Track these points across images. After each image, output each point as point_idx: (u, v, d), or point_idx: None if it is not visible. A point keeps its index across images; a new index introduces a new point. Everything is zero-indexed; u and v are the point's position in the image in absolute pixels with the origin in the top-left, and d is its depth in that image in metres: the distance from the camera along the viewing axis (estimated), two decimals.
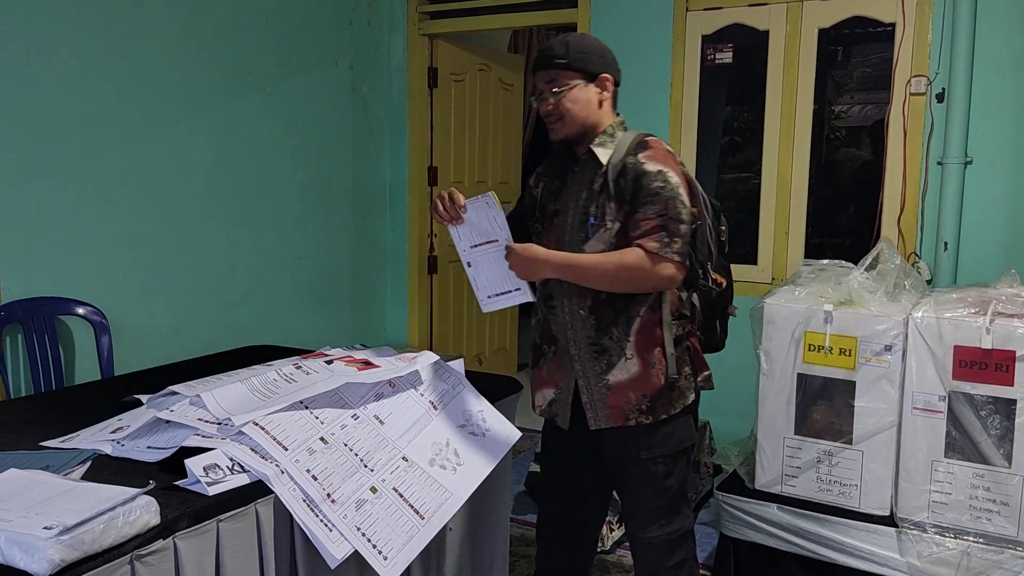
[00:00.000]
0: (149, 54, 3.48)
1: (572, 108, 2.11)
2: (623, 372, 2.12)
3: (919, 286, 2.83)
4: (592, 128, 2.14)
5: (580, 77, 2.11)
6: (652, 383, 2.13)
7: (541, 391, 2.26)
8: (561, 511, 2.35)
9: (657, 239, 2.00)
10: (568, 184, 2.18)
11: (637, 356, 2.11)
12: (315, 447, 1.79)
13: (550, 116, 2.12)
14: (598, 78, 2.13)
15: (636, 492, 2.23)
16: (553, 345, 2.19)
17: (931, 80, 3.47)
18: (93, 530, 1.36)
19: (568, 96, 2.10)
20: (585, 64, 2.11)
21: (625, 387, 2.12)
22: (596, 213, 2.09)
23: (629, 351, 2.11)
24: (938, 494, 2.61)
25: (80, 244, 3.28)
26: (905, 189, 3.53)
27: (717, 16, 3.89)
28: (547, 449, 2.39)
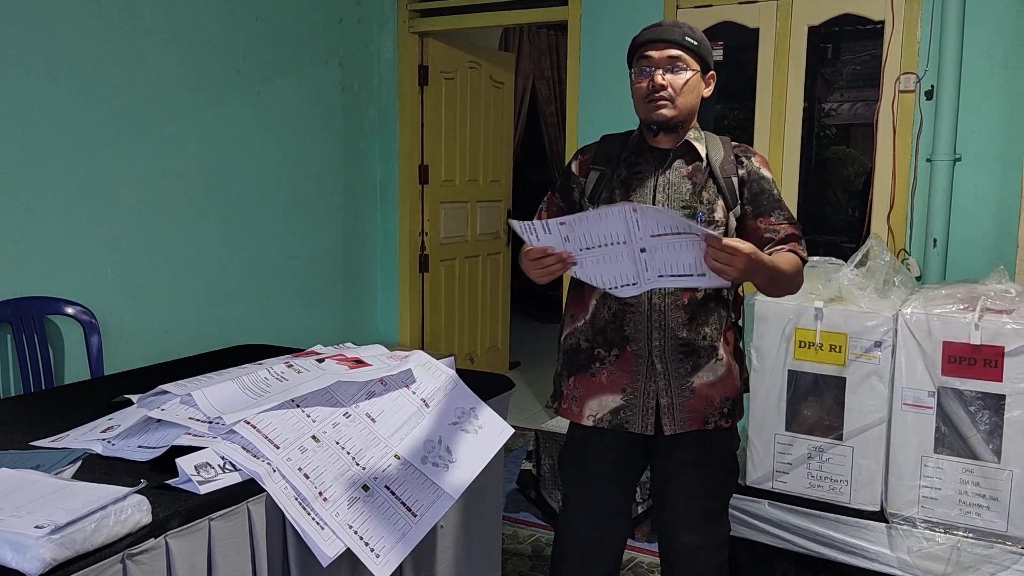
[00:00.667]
0: (139, 53, 3.46)
1: (687, 94, 2.02)
2: (710, 373, 2.07)
3: (908, 283, 2.84)
4: (690, 119, 2.08)
5: (700, 66, 2.04)
6: (735, 385, 2.13)
7: (598, 398, 2.12)
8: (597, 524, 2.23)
9: (802, 248, 2.03)
10: (645, 175, 2.09)
11: (728, 357, 2.10)
12: (307, 445, 1.78)
13: (660, 93, 2.00)
14: (709, 74, 2.08)
15: (694, 497, 2.15)
16: (617, 348, 2.09)
17: (920, 77, 3.49)
18: (84, 529, 1.36)
19: (689, 81, 2.02)
20: (708, 56, 2.06)
21: (709, 389, 2.07)
22: (704, 209, 2.04)
23: (721, 352, 2.08)
24: (928, 489, 2.63)
25: (69, 244, 3.26)
26: (894, 186, 3.55)
27: (707, 14, 3.90)
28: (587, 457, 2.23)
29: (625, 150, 2.15)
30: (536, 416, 4.79)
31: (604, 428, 2.13)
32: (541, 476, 3.53)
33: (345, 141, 4.59)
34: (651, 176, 2.08)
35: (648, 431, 2.09)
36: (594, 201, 2.11)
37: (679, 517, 2.17)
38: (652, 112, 2.03)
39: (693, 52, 2.01)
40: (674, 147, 2.09)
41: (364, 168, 4.76)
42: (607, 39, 4.14)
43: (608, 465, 2.20)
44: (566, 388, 2.20)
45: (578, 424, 2.19)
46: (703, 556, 2.17)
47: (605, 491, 2.21)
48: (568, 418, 2.21)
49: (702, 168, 2.07)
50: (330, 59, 4.45)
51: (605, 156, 2.16)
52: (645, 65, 2.03)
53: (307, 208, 4.37)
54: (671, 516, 2.19)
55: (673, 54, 2.00)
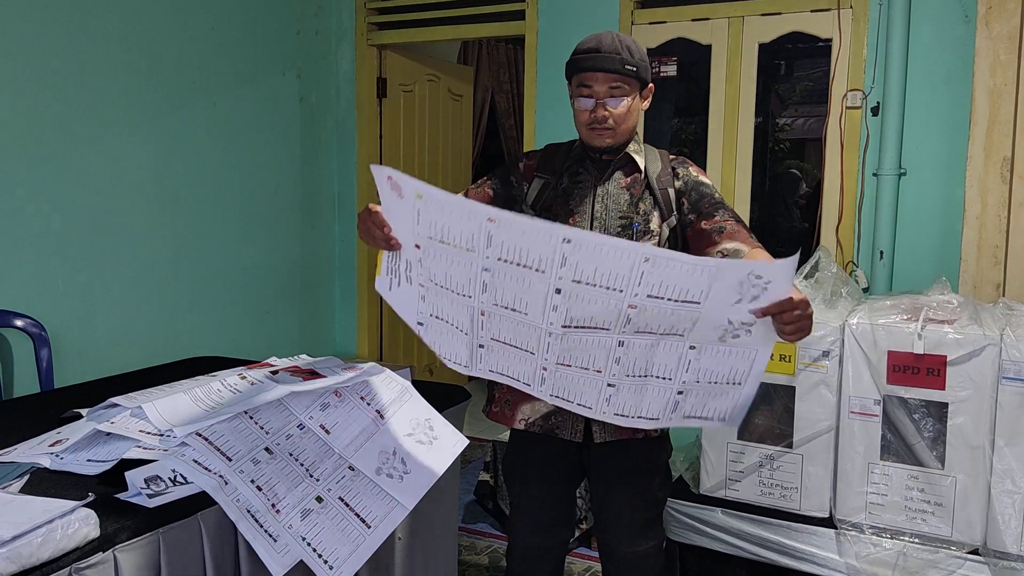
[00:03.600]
0: (91, 60, 3.43)
1: (628, 118, 2.03)
2: None
3: (855, 293, 2.91)
4: (631, 137, 2.11)
5: (639, 85, 2.03)
6: None
7: (531, 403, 2.16)
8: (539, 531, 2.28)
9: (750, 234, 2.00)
10: (585, 185, 2.12)
11: None
12: (260, 457, 1.78)
13: (602, 123, 2.01)
14: (647, 88, 2.06)
15: (628, 505, 2.19)
16: None
17: (867, 94, 3.58)
18: (31, 543, 1.35)
19: (630, 106, 2.02)
20: (645, 72, 2.03)
21: None
22: (640, 220, 2.07)
23: None
24: (875, 495, 2.69)
25: (17, 254, 3.21)
26: (843, 199, 3.63)
27: (661, 30, 3.96)
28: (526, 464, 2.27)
29: (568, 159, 2.17)
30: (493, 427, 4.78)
31: (536, 433, 2.17)
32: (498, 487, 3.54)
33: (303, 152, 4.58)
34: (591, 187, 2.12)
35: (577, 438, 2.14)
36: (545, 211, 2.13)
37: (616, 527, 2.22)
38: (594, 139, 2.07)
39: (635, 75, 2.01)
40: (614, 159, 2.12)
41: (322, 179, 4.75)
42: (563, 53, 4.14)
43: (544, 472, 2.23)
44: (498, 392, 2.24)
45: (514, 429, 2.23)
46: (641, 564, 2.23)
47: (544, 497, 2.25)
48: (500, 422, 2.25)
49: (640, 180, 2.11)
50: (288, 70, 4.44)
51: (549, 165, 2.17)
52: (586, 94, 2.03)
53: (263, 219, 4.34)
54: (608, 526, 2.25)
55: (614, 84, 2.00)
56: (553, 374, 1.72)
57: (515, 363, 1.75)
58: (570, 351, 1.65)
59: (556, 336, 1.63)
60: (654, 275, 1.49)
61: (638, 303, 1.54)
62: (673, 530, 2.95)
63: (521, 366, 1.74)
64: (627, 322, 1.58)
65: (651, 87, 2.08)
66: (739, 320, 1.57)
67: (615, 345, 1.63)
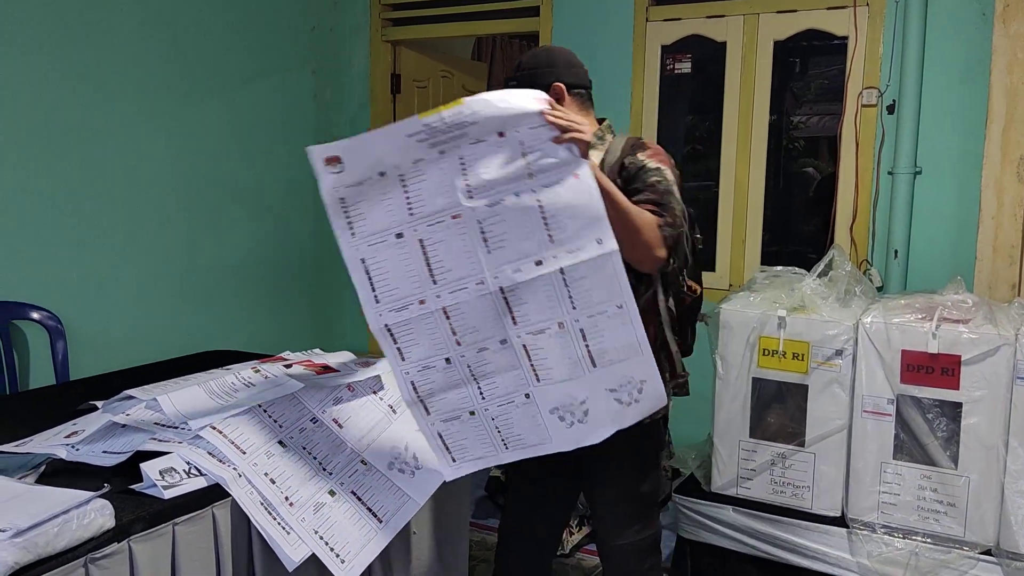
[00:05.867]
0: (109, 57, 3.45)
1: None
2: None
3: (869, 292, 2.90)
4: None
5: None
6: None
7: None
8: (528, 513, 2.34)
9: (659, 215, 1.94)
10: None
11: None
12: (273, 451, 1.79)
13: None
14: (548, 89, 2.03)
15: (613, 498, 2.21)
16: None
17: (882, 92, 3.56)
18: (47, 533, 1.36)
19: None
20: (535, 80, 2.06)
21: None
22: None
23: None
24: (887, 495, 2.68)
25: (35, 248, 3.23)
26: (857, 198, 3.62)
27: (676, 27, 3.95)
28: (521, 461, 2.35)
29: None
30: None
31: None
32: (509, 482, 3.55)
33: None
34: None
35: None
36: None
37: (603, 519, 2.26)
38: None
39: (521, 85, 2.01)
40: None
41: None
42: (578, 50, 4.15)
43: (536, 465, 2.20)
44: None
45: None
46: (631, 558, 2.23)
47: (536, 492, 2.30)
48: None
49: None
50: (303, 67, 4.45)
51: None
52: None
53: (277, 215, 4.36)
54: (597, 518, 2.29)
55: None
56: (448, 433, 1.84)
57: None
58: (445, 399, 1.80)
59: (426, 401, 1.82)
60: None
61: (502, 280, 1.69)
62: (684, 527, 2.96)
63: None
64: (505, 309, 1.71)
65: (556, 86, 2.06)
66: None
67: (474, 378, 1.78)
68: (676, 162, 2.18)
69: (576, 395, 1.77)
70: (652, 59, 4.01)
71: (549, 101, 1.71)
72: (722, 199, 3.92)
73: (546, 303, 1.71)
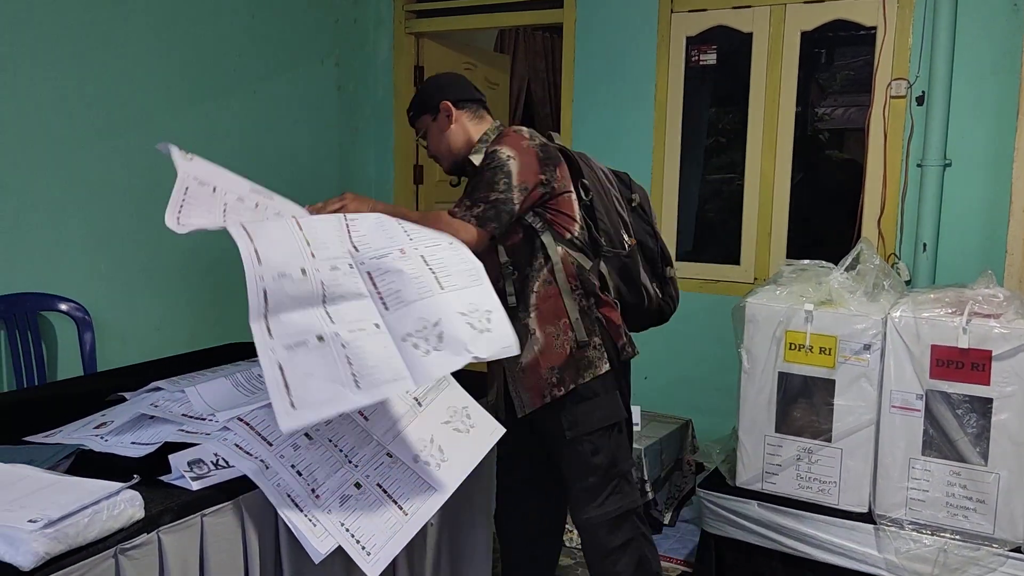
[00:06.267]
0: (132, 50, 3.47)
1: (433, 145, 2.35)
2: (531, 350, 2.19)
3: (898, 286, 2.87)
4: (464, 148, 2.30)
5: (427, 117, 2.32)
6: (558, 353, 2.19)
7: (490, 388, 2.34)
8: (515, 504, 2.43)
9: (458, 204, 2.14)
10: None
11: (540, 330, 2.19)
12: (300, 443, 1.79)
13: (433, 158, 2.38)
14: (438, 108, 2.29)
15: (567, 473, 2.27)
16: None
17: (911, 83, 3.51)
18: (77, 523, 1.37)
19: (429, 138, 2.34)
20: (424, 105, 2.32)
21: (536, 364, 2.19)
22: None
23: (532, 326, 2.19)
24: (915, 491, 2.65)
25: (62, 240, 3.26)
26: (885, 191, 3.57)
27: (701, 18, 3.92)
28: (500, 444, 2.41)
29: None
30: None
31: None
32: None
33: (340, 141, 4.60)
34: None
35: (500, 415, 2.24)
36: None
37: (570, 495, 2.31)
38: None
39: (414, 117, 2.35)
40: (460, 178, 2.39)
41: (359, 168, 4.77)
42: (602, 41, 4.16)
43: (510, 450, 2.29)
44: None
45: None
46: (599, 532, 2.26)
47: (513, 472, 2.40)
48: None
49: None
50: (326, 59, 4.46)
51: None
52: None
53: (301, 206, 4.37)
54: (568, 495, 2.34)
55: (416, 128, 2.38)
56: (291, 365, 1.58)
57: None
58: (292, 319, 1.62)
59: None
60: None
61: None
62: (708, 522, 2.94)
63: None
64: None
65: (443, 105, 2.28)
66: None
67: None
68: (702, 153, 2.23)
69: (428, 317, 1.67)
70: (677, 50, 3.98)
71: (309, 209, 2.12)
72: (747, 192, 3.89)
73: (383, 234, 1.80)
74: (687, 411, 3.82)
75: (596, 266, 2.25)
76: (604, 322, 2.24)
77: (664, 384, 4.02)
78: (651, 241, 2.43)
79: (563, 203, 2.22)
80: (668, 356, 4.01)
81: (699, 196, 4.28)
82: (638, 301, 2.36)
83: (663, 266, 2.45)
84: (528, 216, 2.19)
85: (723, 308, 3.33)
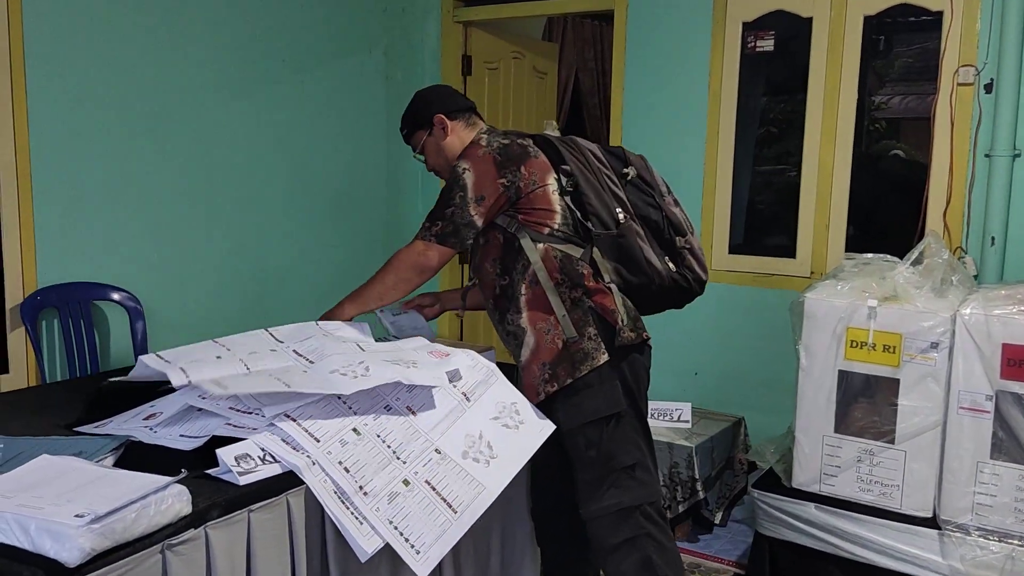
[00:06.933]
0: (184, 41, 3.47)
1: (431, 161, 2.39)
2: (526, 349, 2.18)
3: (966, 282, 2.75)
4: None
5: (422, 133, 2.36)
6: (549, 349, 2.14)
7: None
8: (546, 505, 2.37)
9: (421, 228, 2.23)
10: None
11: (531, 328, 2.17)
12: (347, 438, 1.76)
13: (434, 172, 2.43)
14: (432, 122, 2.32)
15: (569, 467, 2.20)
16: None
17: (979, 70, 3.36)
18: (124, 519, 1.35)
19: (426, 153, 2.38)
20: (417, 121, 2.36)
21: (531, 363, 2.17)
22: None
23: (524, 325, 2.18)
24: (983, 496, 2.54)
25: (116, 230, 3.28)
26: (951, 182, 3.43)
27: (759, 2, 3.80)
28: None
29: None
30: None
31: None
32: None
33: (388, 130, 4.57)
34: None
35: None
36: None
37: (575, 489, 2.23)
38: None
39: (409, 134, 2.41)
40: None
41: (406, 158, 4.72)
42: (654, 28, 4.06)
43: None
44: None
45: None
46: (600, 528, 2.18)
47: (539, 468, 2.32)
48: None
49: None
50: (374, 48, 4.43)
51: None
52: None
53: (349, 197, 4.36)
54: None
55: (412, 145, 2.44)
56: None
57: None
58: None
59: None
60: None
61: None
62: (763, 524, 2.86)
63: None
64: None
65: (437, 118, 2.32)
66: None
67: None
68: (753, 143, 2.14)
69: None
70: (732, 36, 3.87)
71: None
72: (804, 183, 3.77)
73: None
74: (739, 408, 3.73)
75: (588, 252, 2.18)
76: (598, 310, 2.14)
77: (715, 380, 3.92)
78: (654, 212, 2.28)
79: (536, 198, 2.18)
80: (719, 351, 3.92)
81: (749, 188, 4.16)
82: (644, 280, 2.21)
83: (672, 235, 2.29)
84: (501, 220, 2.19)
85: (776, 302, 3.24)
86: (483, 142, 2.23)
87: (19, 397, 2.43)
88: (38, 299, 3.04)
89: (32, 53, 2.98)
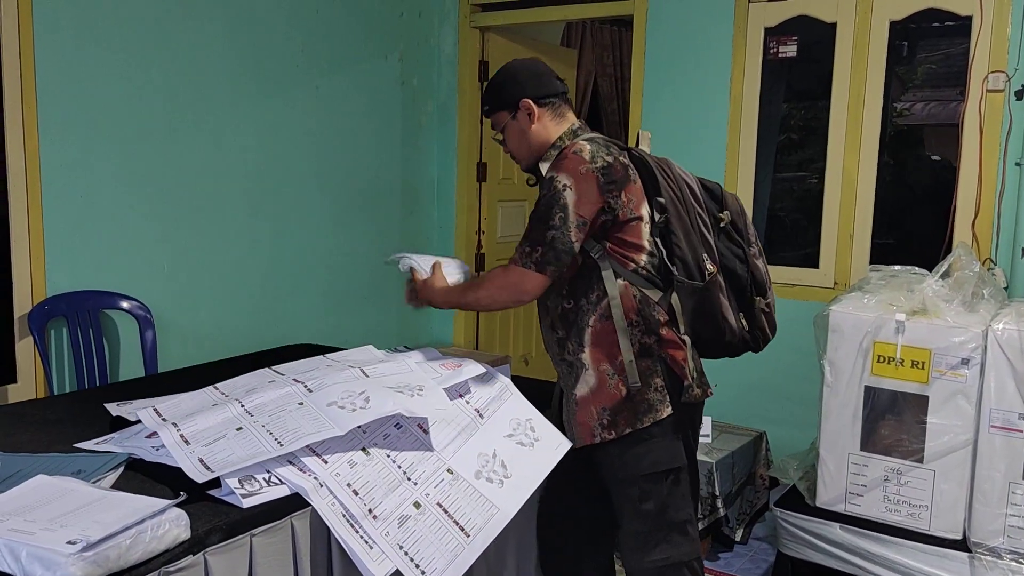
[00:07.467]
0: (197, 47, 3.43)
1: (512, 144, 2.17)
2: (584, 386, 2.03)
3: (998, 295, 2.66)
4: (540, 150, 2.12)
5: (505, 114, 2.13)
6: (611, 394, 1.99)
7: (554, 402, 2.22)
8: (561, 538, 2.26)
9: (518, 251, 1.99)
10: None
11: (593, 367, 2.01)
12: (356, 459, 1.69)
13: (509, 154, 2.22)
14: (518, 106, 2.10)
15: (617, 515, 2.09)
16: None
17: (1010, 76, 3.27)
18: (119, 545, 1.29)
19: (507, 135, 2.16)
20: (502, 99, 2.13)
21: (588, 401, 2.02)
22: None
23: (586, 361, 2.02)
24: (1015, 518, 2.45)
25: (125, 238, 3.24)
26: (980, 191, 3.34)
27: (782, 8, 3.72)
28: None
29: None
30: None
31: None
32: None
33: (403, 137, 4.52)
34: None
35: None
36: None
37: (620, 539, 2.14)
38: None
39: (491, 111, 2.15)
40: (537, 180, 2.17)
41: (421, 164, 4.68)
42: (673, 34, 3.99)
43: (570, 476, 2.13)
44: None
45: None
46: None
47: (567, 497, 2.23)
48: None
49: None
50: (390, 53, 4.38)
51: None
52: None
53: (364, 204, 4.31)
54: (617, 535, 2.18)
55: (492, 124, 2.18)
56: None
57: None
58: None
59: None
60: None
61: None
62: (785, 543, 2.77)
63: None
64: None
65: (523, 103, 2.09)
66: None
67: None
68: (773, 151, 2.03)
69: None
70: (754, 42, 3.79)
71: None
72: (827, 191, 3.68)
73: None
74: (760, 423, 3.63)
75: (667, 297, 2.01)
76: (668, 361, 2.01)
77: (736, 393, 3.83)
78: (740, 267, 2.12)
79: (629, 230, 2.00)
80: (739, 363, 3.79)
81: (769, 195, 4.08)
82: (714, 336, 2.09)
83: (753, 295, 2.16)
84: (587, 243, 1.99)
85: (799, 313, 3.14)
86: (586, 154, 1.98)
87: (25, 408, 2.39)
88: (46, 308, 3.00)
89: (43, 59, 2.95)
